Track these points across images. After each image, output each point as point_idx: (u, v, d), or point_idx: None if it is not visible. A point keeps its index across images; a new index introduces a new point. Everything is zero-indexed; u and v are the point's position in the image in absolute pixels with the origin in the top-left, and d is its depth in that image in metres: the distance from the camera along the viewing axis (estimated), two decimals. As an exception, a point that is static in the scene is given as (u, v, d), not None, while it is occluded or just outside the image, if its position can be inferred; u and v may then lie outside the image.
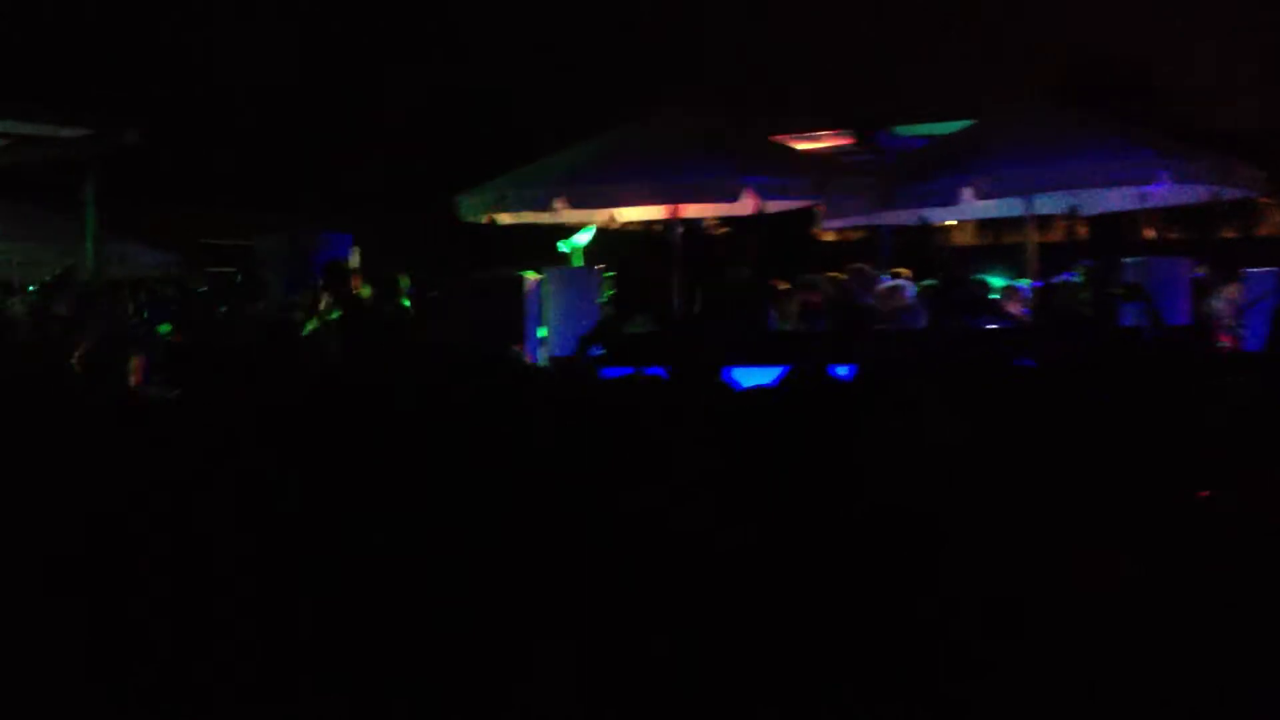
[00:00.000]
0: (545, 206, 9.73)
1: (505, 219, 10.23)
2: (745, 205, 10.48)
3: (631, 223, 11.54)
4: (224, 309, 11.10)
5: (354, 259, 10.83)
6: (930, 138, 12.97)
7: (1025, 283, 10.10)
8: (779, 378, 4.00)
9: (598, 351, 6.33)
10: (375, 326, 8.19)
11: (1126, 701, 2.53)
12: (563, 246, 10.97)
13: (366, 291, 8.90)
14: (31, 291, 10.45)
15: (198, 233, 13.23)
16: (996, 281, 10.16)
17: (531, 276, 9.64)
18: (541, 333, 9.52)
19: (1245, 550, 2.81)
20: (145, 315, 9.99)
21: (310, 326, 8.07)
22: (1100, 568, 2.74)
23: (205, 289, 11.91)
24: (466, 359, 5.05)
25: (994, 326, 8.74)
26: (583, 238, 10.87)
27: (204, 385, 4.85)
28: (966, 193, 9.67)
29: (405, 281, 8.74)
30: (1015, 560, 2.78)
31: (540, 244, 11.06)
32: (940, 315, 8.78)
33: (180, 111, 12.81)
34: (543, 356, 9.12)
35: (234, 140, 13.74)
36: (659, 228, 11.19)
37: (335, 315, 8.03)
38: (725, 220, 12.67)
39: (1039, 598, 2.66)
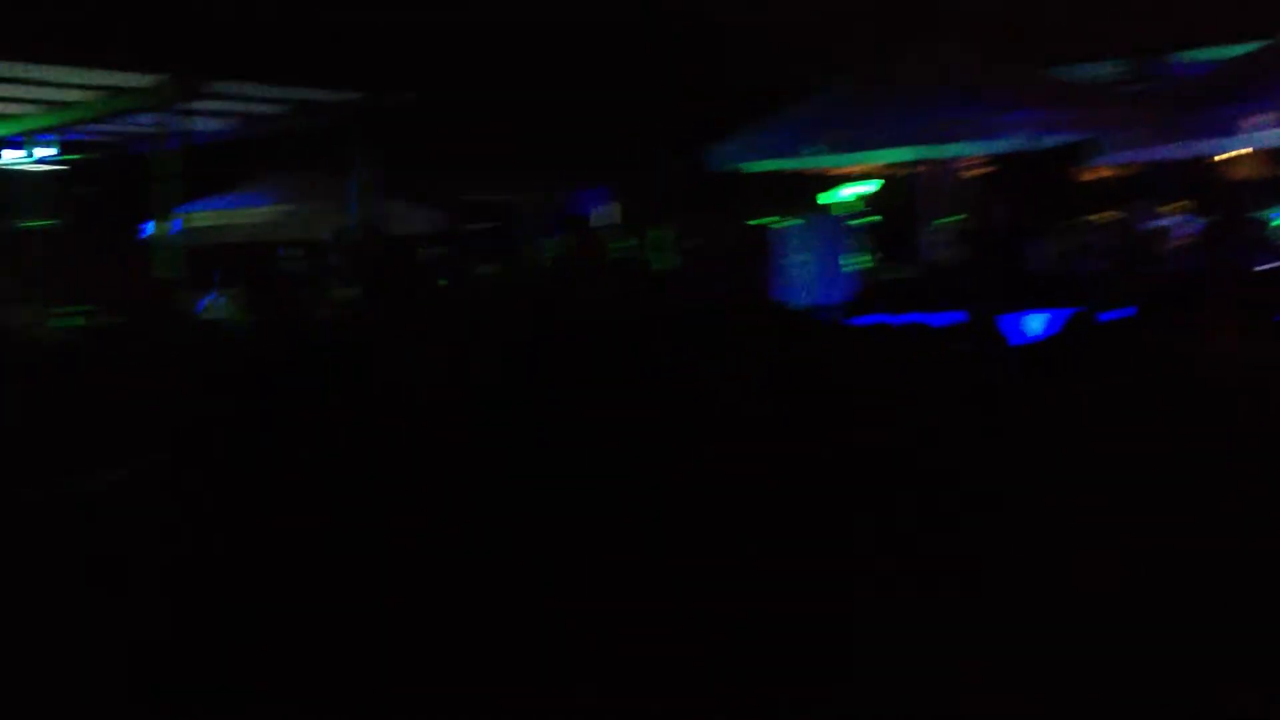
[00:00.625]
0: (798, 153, 9.63)
1: (759, 168, 10.18)
2: (1009, 143, 10.09)
3: (890, 166, 11.27)
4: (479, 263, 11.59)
5: (613, 213, 11.05)
6: (1214, 63, 12.03)
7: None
8: (1059, 324, 3.86)
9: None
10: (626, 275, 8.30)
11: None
12: (830, 199, 10.81)
13: (620, 244, 9.06)
14: (296, 253, 11.12)
15: (461, 191, 13.80)
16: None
17: (780, 225, 9.58)
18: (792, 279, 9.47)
19: None
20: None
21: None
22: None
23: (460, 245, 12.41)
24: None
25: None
26: (859, 189, 10.68)
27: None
28: (1254, 121, 8.98)
29: (659, 234, 8.82)
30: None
31: (792, 192, 10.97)
32: (1219, 254, 8.22)
33: (446, 71, 13.33)
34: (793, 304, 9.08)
35: (497, 98, 14.20)
36: (918, 170, 10.88)
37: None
38: (989, 160, 12.19)
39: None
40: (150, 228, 11.83)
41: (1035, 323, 5.39)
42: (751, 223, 9.71)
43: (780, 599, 2.62)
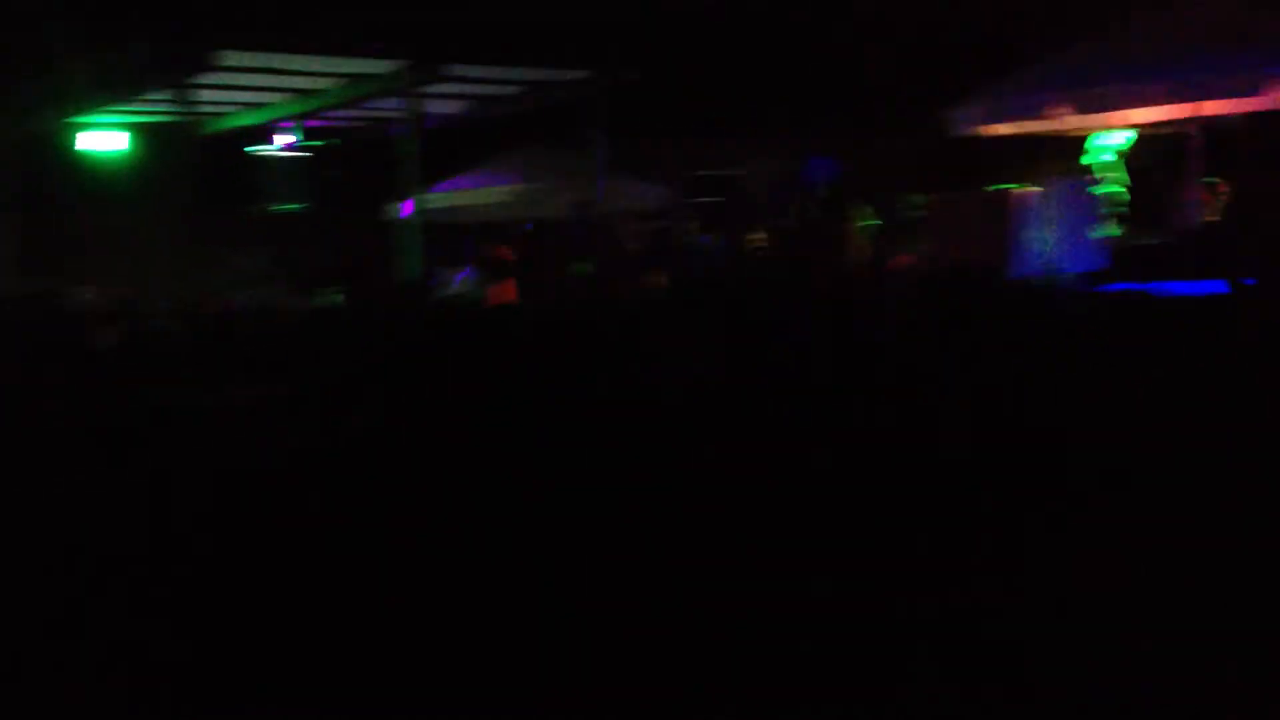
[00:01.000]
0: (1045, 114, 9.23)
1: (1001, 130, 9.80)
2: (1272, 100, 9.42)
3: (1143, 125, 10.70)
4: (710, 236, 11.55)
5: (837, 185, 10.84)
6: None
7: None
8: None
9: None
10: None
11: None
12: (1092, 149, 10.30)
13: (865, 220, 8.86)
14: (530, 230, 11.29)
15: (690, 165, 13.80)
16: None
17: (1021, 190, 9.20)
18: (1042, 248, 9.09)
19: None
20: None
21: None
22: None
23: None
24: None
25: None
26: (1115, 139, 10.15)
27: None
28: None
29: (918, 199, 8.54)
30: None
31: (1036, 156, 10.53)
32: None
33: (675, 45, 13.39)
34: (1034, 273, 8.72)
35: (724, 70, 14.18)
36: (1174, 130, 10.32)
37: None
38: (1254, 117, 11.44)
39: None
40: (397, 209, 12.27)
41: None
42: (992, 189, 9.35)
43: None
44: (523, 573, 2.50)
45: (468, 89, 12.77)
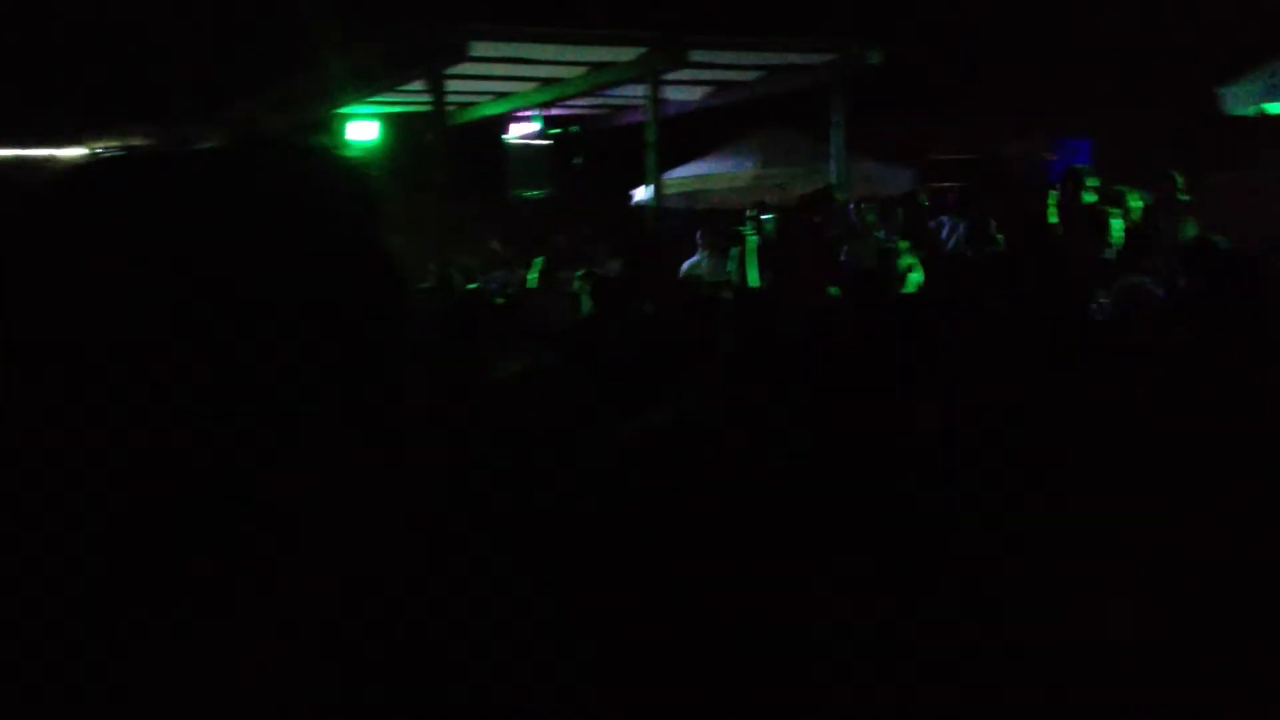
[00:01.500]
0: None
1: (1280, 109, 9.28)
2: None
3: None
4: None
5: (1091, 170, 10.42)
6: None
7: None
8: None
9: None
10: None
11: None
12: None
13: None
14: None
15: (931, 149, 13.55)
16: None
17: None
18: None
19: None
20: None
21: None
22: None
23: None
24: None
25: None
26: None
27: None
28: None
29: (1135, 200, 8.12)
30: None
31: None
32: None
33: (917, 25, 13.15)
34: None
35: (966, 49, 13.85)
36: None
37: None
38: None
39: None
40: (637, 194, 12.45)
41: None
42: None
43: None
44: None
45: (708, 75, 12.84)
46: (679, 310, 5.96)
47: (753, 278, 8.19)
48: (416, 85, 11.82)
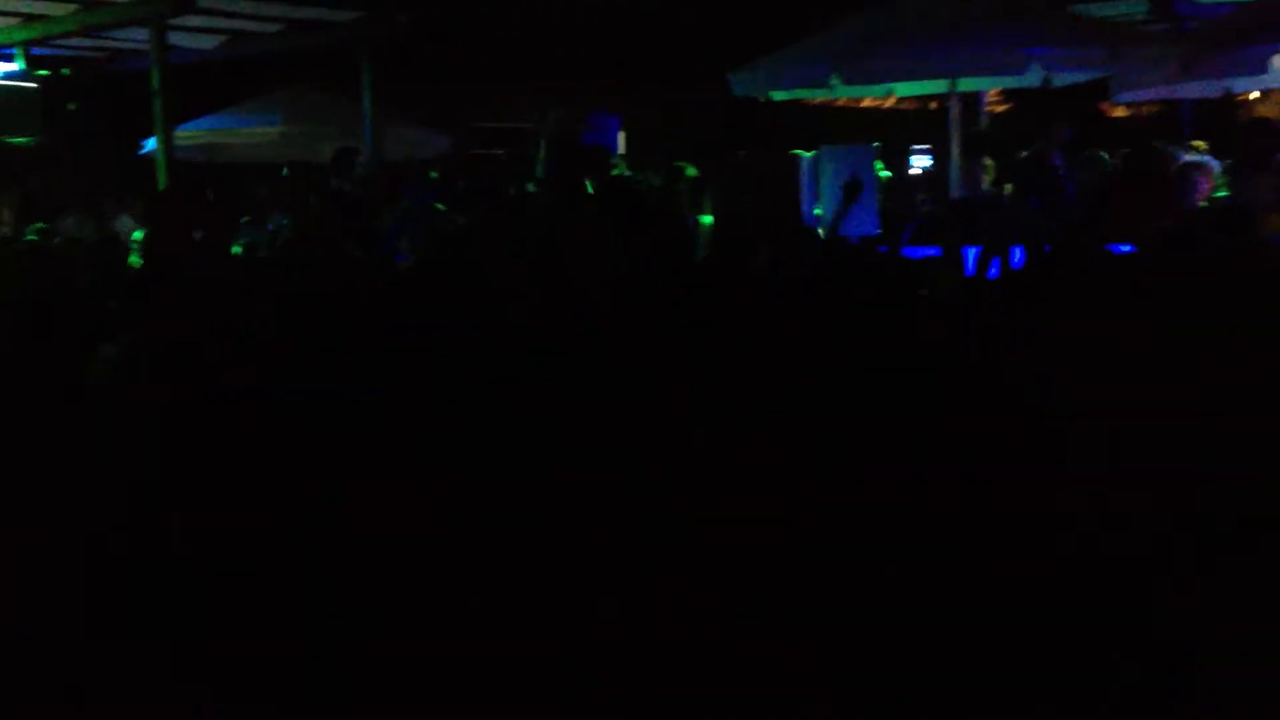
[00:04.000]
0: (823, 82, 9.36)
1: (781, 97, 9.90)
2: (1032, 78, 9.86)
3: (906, 100, 11.03)
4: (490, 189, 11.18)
5: (621, 143, 10.69)
6: (1235, 4, 11.80)
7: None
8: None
9: (908, 232, 6.07)
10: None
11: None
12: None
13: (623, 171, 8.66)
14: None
15: (472, 115, 13.39)
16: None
17: (809, 156, 9.32)
18: (817, 211, 9.23)
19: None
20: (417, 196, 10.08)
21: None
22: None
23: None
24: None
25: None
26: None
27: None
28: (1278, 60, 8.78)
29: (690, 170, 8.45)
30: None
31: (817, 123, 10.70)
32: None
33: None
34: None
35: (502, 19, 13.76)
36: (936, 104, 10.66)
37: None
38: (1009, 94, 11.97)
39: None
40: (148, 145, 11.41)
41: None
42: (783, 154, 9.41)
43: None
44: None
45: (224, 24, 11.97)
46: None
47: None
48: None
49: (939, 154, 10.23)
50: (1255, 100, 12.60)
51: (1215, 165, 8.89)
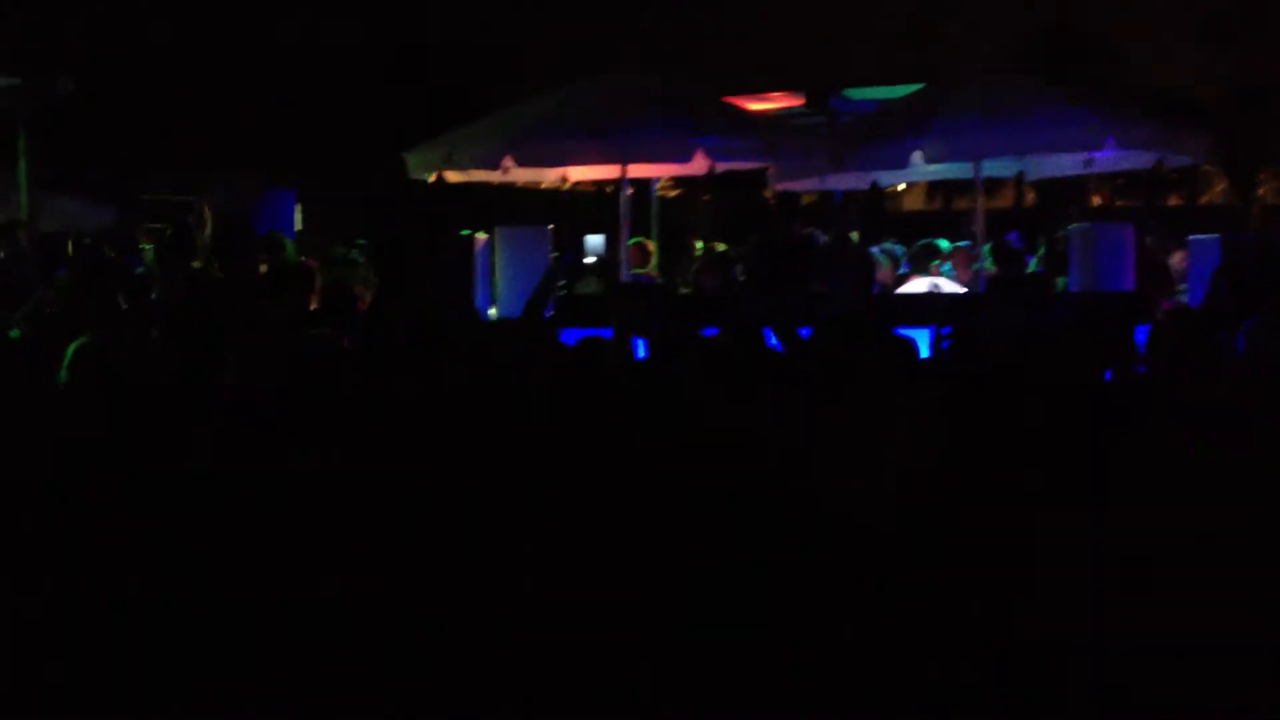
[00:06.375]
0: (494, 165, 9.58)
1: (454, 177, 10.05)
2: (697, 166, 10.41)
3: (583, 183, 11.42)
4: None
5: (297, 219, 10.60)
6: (882, 101, 12.90)
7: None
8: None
9: (547, 314, 6.24)
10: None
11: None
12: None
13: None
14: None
15: (139, 189, 12.94)
16: (944, 245, 10.12)
17: (480, 236, 9.48)
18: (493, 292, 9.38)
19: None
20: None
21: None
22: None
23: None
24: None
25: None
26: None
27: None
28: (917, 156, 9.63)
29: (353, 253, 8.43)
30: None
31: (493, 204, 10.91)
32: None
33: (114, 63, 12.47)
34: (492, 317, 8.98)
35: (172, 93, 13.40)
36: (610, 189, 11.10)
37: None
38: (677, 181, 12.60)
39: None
40: None
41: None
42: (457, 234, 9.54)
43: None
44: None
45: None
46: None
47: None
48: None
49: (610, 237, 10.62)
50: (902, 192, 13.86)
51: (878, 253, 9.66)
